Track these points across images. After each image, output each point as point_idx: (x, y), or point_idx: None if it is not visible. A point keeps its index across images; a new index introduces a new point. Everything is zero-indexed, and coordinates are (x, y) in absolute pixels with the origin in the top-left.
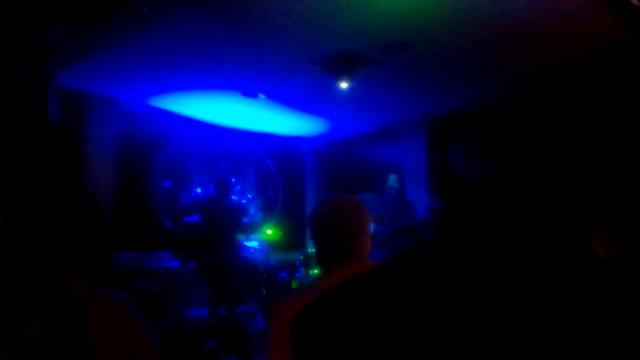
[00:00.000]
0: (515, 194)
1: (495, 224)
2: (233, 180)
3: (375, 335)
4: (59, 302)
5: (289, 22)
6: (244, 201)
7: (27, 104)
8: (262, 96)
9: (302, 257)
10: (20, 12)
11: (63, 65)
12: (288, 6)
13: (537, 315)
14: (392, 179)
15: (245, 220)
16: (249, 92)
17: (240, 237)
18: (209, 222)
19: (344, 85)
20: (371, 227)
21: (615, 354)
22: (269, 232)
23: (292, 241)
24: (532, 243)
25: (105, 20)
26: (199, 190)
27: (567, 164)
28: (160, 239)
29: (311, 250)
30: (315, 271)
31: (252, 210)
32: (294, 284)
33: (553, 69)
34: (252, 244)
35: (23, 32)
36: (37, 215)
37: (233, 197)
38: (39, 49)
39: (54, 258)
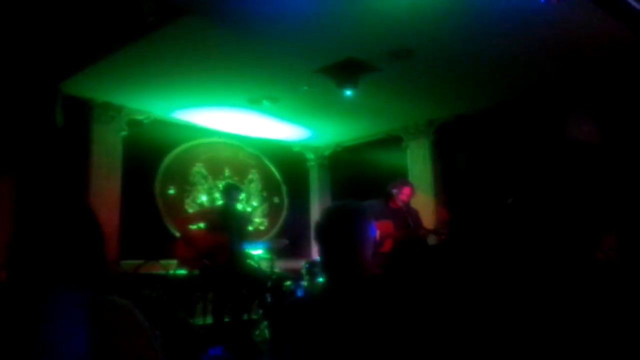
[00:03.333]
0: (522, 200)
1: (502, 231)
2: (241, 187)
3: (378, 340)
4: (67, 309)
5: (293, 30)
6: (249, 209)
7: (35, 112)
8: (267, 103)
9: (307, 265)
10: (28, 21)
11: (70, 73)
12: (292, 15)
13: (542, 318)
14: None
15: (251, 228)
16: (254, 100)
17: (246, 245)
18: (214, 230)
19: (348, 92)
20: (375, 233)
21: (618, 355)
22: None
23: (297, 249)
24: (539, 249)
25: (111, 29)
26: (204, 197)
27: (573, 170)
28: (166, 247)
29: (316, 257)
30: (320, 279)
31: (257, 218)
32: (299, 292)
33: (555, 73)
34: (257, 251)
35: (31, 41)
36: (37, 225)
37: (238, 205)
38: (47, 57)
39: (54, 267)
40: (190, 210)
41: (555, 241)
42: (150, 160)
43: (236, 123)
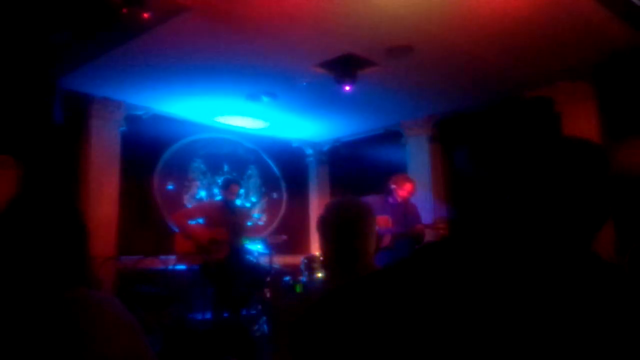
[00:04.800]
0: (519, 196)
1: (499, 227)
2: (240, 183)
3: (375, 338)
4: (54, 305)
5: (292, 26)
6: (247, 204)
7: (33, 107)
8: (266, 99)
9: (306, 261)
10: (27, 16)
11: (68, 69)
12: (291, 10)
13: (538, 315)
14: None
15: (249, 223)
16: (253, 95)
17: (244, 240)
18: (213, 225)
19: (347, 88)
20: (376, 229)
21: (616, 354)
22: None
23: (296, 244)
24: (534, 245)
25: (110, 25)
26: (203, 193)
27: (570, 166)
28: (165, 242)
29: (315, 253)
30: (319, 274)
31: (256, 213)
32: (298, 288)
33: (556, 71)
34: (256, 247)
35: (29, 36)
36: (25, 225)
37: (237, 200)
38: (45, 53)
39: (40, 266)
40: (189, 206)
41: (552, 236)
42: (149, 156)
43: (235, 118)
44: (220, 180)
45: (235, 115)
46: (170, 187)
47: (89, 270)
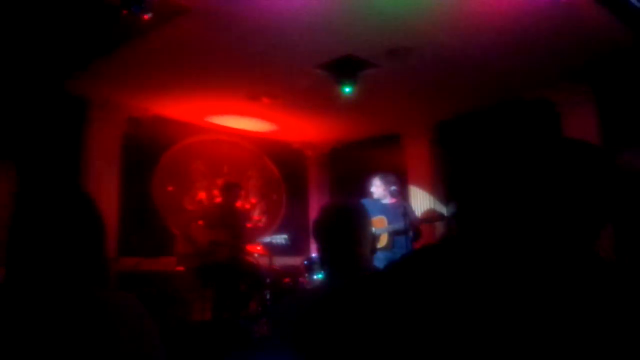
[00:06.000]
0: (521, 196)
1: (500, 229)
2: (240, 184)
3: (376, 338)
4: (74, 302)
5: (292, 27)
6: (247, 206)
7: (33, 109)
8: (266, 100)
9: (305, 262)
10: (27, 18)
11: (69, 70)
12: (291, 11)
13: (540, 315)
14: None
15: (249, 224)
16: (254, 96)
17: (244, 241)
18: (213, 227)
19: (347, 89)
20: (373, 230)
21: (617, 354)
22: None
23: (295, 245)
24: (537, 245)
25: (110, 26)
26: (203, 194)
27: (572, 167)
28: (165, 244)
29: (314, 254)
30: (319, 275)
31: (256, 215)
32: (298, 289)
33: (556, 73)
34: (256, 248)
35: (30, 38)
36: (34, 220)
37: (237, 202)
38: (46, 55)
39: (53, 263)
40: (189, 208)
41: (554, 237)
42: (149, 157)
43: (235, 120)
44: (220, 182)
45: (236, 116)
46: (170, 188)
47: (106, 267)
